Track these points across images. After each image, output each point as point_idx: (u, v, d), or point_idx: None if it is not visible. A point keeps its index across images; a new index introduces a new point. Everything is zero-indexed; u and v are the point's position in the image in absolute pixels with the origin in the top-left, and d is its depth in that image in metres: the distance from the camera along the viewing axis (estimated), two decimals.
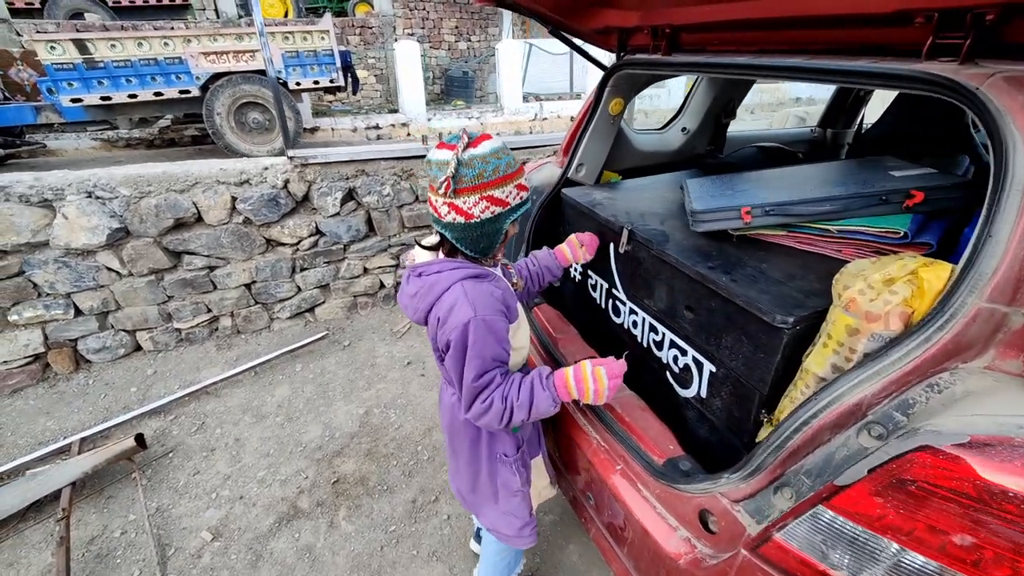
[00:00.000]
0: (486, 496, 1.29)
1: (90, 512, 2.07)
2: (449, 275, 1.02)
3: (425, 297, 1.03)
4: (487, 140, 1.00)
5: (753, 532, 0.86)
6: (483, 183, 0.98)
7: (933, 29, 0.84)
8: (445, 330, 1.00)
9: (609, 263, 1.48)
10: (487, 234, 1.04)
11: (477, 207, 0.99)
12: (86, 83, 5.19)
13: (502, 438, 1.20)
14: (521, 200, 1.05)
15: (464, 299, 0.98)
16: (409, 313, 1.10)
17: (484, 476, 1.25)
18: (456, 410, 1.18)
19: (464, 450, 1.24)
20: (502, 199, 1.01)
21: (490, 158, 0.98)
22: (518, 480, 1.24)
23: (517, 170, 1.03)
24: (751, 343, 0.99)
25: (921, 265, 0.80)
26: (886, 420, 0.75)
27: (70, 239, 2.61)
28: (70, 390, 2.79)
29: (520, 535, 1.29)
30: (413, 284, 1.07)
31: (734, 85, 2.22)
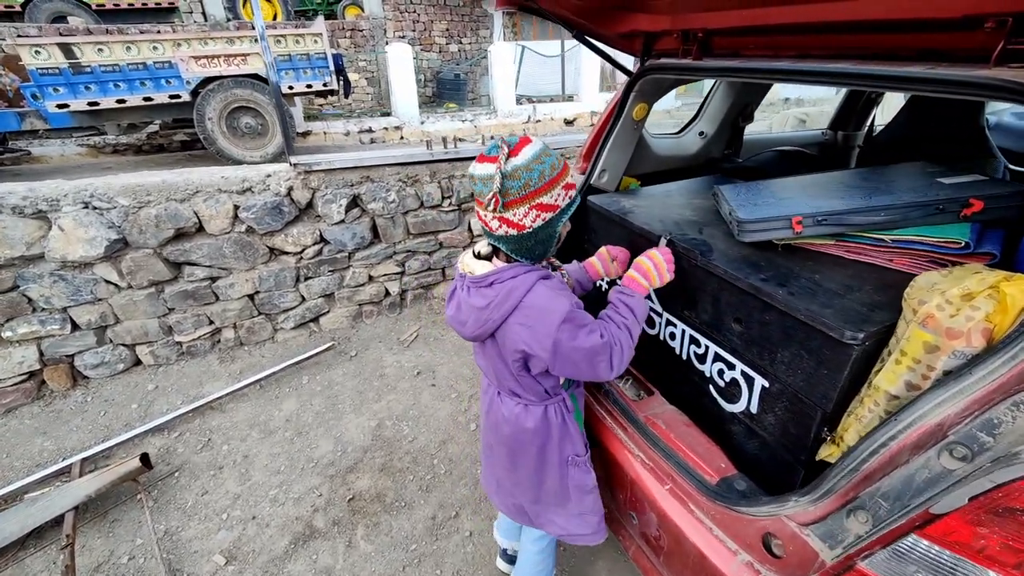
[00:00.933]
0: (553, 503, 1.26)
1: (94, 537, 1.98)
2: (525, 278, 1.00)
3: (502, 305, 0.99)
4: (527, 145, 0.98)
5: (827, 558, 0.83)
6: (530, 192, 0.96)
7: (1006, 34, 0.81)
8: (547, 330, 0.97)
9: None
10: (542, 241, 1.03)
11: (528, 217, 0.98)
12: (72, 88, 5.06)
13: (572, 439, 1.19)
14: (570, 200, 1.03)
15: (554, 294, 0.99)
16: (471, 326, 1.05)
17: (552, 482, 1.22)
18: (523, 419, 1.15)
19: (530, 460, 1.20)
20: (552, 204, 0.99)
21: (534, 165, 0.96)
22: (592, 478, 1.24)
23: (562, 170, 1.00)
24: (813, 359, 0.96)
25: (1002, 279, 0.78)
26: (970, 440, 0.72)
27: (66, 251, 2.51)
28: (67, 408, 2.68)
29: (598, 530, 1.28)
30: (481, 295, 1.02)
31: (753, 89, 2.20)
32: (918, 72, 0.93)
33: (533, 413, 1.15)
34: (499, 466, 1.31)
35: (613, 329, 1.04)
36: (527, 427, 1.15)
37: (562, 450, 1.19)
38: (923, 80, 0.93)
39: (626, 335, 1.05)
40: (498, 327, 1.02)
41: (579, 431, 1.22)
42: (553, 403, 1.16)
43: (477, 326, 1.04)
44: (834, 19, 1.05)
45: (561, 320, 0.96)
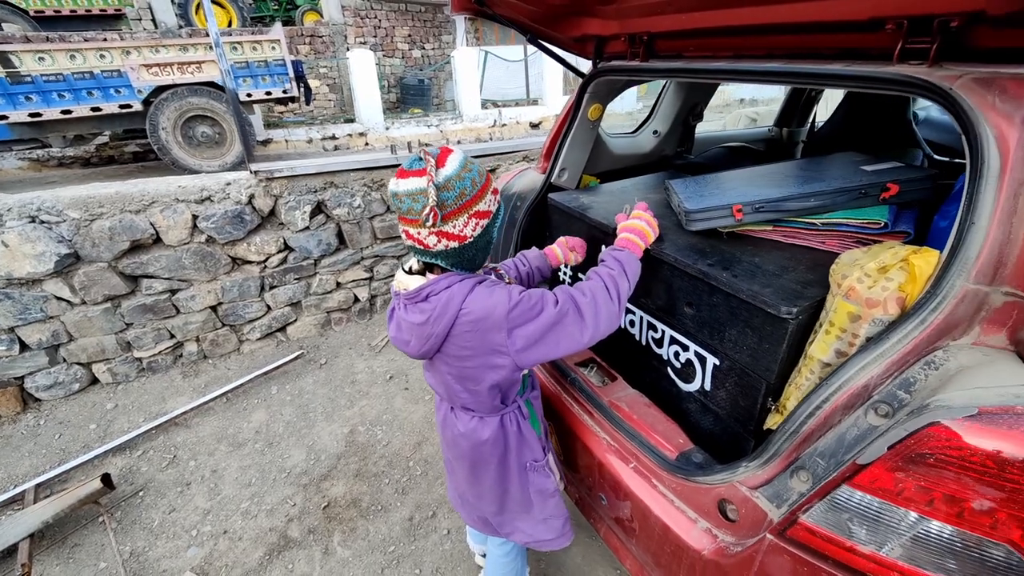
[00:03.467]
0: (517, 511, 1.27)
1: (54, 564, 1.90)
2: (461, 286, 0.96)
3: (443, 316, 0.95)
4: (452, 154, 0.95)
5: (775, 516, 0.90)
6: (467, 201, 0.93)
7: (904, 34, 0.91)
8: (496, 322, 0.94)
9: None
10: (481, 248, 1.01)
11: (468, 227, 0.95)
12: (11, 99, 4.80)
13: (529, 445, 1.20)
14: (499, 204, 1.03)
15: (488, 292, 0.96)
16: (415, 344, 1.01)
17: (515, 490, 1.23)
18: (479, 432, 1.14)
19: (490, 471, 1.19)
20: (487, 210, 0.98)
21: (464, 174, 0.93)
22: (552, 481, 1.26)
23: (488, 177, 1.00)
24: (756, 335, 1.04)
25: (911, 253, 0.87)
26: (891, 398, 0.80)
27: (12, 268, 2.40)
28: (18, 433, 2.55)
29: (563, 533, 1.30)
30: (419, 311, 0.98)
31: (700, 89, 2.32)
32: (836, 69, 1.03)
33: (489, 424, 1.14)
34: (461, 480, 1.29)
35: (591, 284, 1.03)
36: (484, 439, 1.14)
37: (521, 457, 1.19)
38: (841, 77, 1.03)
39: (605, 289, 1.02)
40: (444, 340, 0.98)
41: (536, 437, 1.21)
42: (508, 412, 1.16)
43: (421, 343, 1.00)
44: (761, 22, 1.14)
45: (507, 311, 0.93)
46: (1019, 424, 0.65)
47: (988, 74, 0.82)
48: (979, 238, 0.79)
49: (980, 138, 0.80)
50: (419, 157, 0.93)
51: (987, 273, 0.78)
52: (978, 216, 0.79)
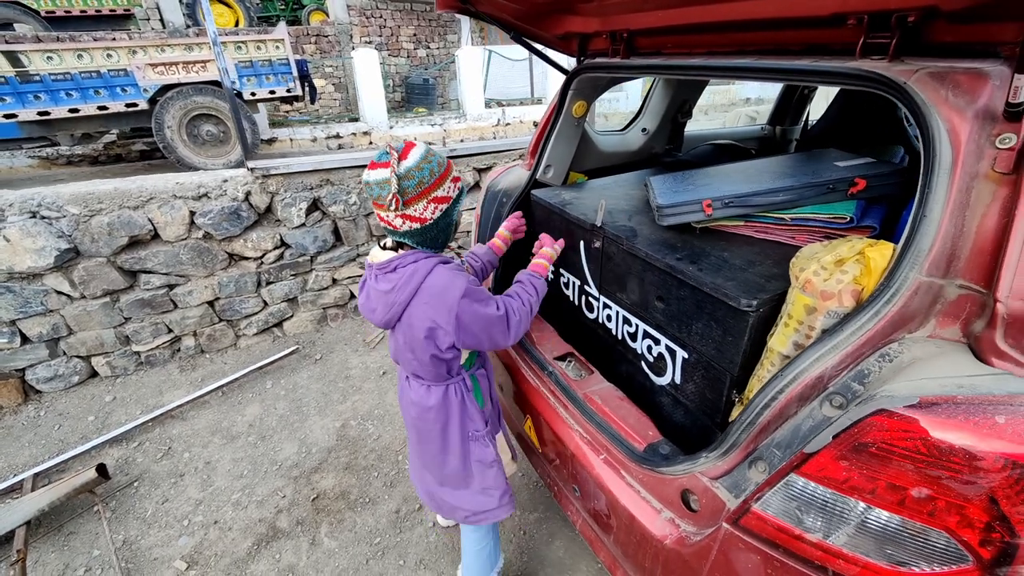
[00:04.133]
0: (458, 482, 1.35)
1: (49, 551, 1.95)
2: (426, 262, 1.10)
3: (407, 286, 1.09)
4: (414, 148, 1.09)
5: (732, 506, 0.91)
6: (426, 188, 1.08)
7: (864, 30, 0.91)
8: (448, 306, 1.08)
9: (580, 260, 1.52)
10: (443, 229, 1.16)
11: (428, 210, 1.09)
12: (20, 98, 4.90)
13: (471, 416, 1.29)
14: (459, 190, 1.17)
15: (452, 274, 1.10)
16: (380, 312, 1.15)
17: (455, 460, 1.31)
18: (426, 399, 1.25)
19: (434, 438, 1.29)
20: (445, 196, 1.12)
21: (423, 165, 1.07)
22: (492, 451, 1.33)
23: (447, 166, 1.13)
24: (720, 328, 1.05)
25: (867, 246, 0.87)
26: (845, 390, 0.81)
27: (13, 262, 2.45)
28: (19, 424, 2.61)
29: (501, 504, 1.37)
30: (386, 280, 1.12)
31: (689, 86, 2.32)
32: (802, 65, 1.04)
33: (435, 393, 1.24)
34: (413, 451, 1.41)
35: (515, 303, 1.19)
36: (429, 405, 1.25)
37: (463, 427, 1.28)
38: (806, 72, 1.03)
39: (527, 309, 1.22)
40: (404, 309, 1.11)
41: (478, 409, 1.30)
42: (453, 383, 1.25)
43: (385, 310, 1.13)
44: (731, 18, 1.14)
45: (460, 295, 1.07)
46: (958, 413, 0.66)
47: (943, 69, 0.83)
48: (931, 231, 0.79)
49: (932, 131, 0.80)
50: (386, 151, 1.07)
51: (940, 266, 0.79)
52: (930, 209, 0.79)
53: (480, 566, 1.55)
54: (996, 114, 0.74)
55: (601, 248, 1.38)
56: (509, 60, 10.87)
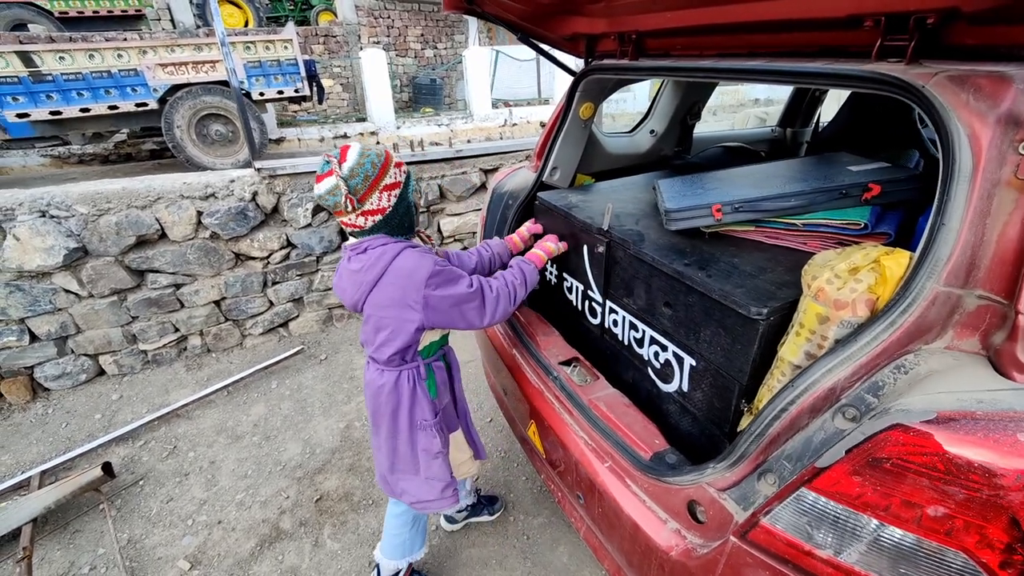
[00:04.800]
0: (406, 469, 1.38)
1: (54, 549, 1.96)
2: (394, 245, 1.16)
3: (375, 266, 1.14)
4: (350, 148, 1.14)
5: (740, 519, 0.89)
6: (373, 180, 1.13)
7: (881, 32, 0.89)
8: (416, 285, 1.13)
9: (584, 264, 1.50)
10: (404, 213, 1.21)
11: (383, 199, 1.15)
12: (33, 97, 4.96)
13: (421, 405, 1.30)
14: (406, 173, 1.21)
15: (419, 255, 1.15)
16: (350, 292, 1.20)
17: (404, 447, 1.34)
18: (379, 381, 1.29)
19: (385, 422, 1.32)
20: (394, 182, 1.17)
21: (363, 160, 1.12)
22: (438, 442, 1.34)
23: (387, 155, 1.18)
24: (729, 335, 1.02)
25: (882, 254, 0.85)
26: (859, 402, 0.78)
27: (23, 261, 2.47)
28: (27, 421, 2.63)
29: (443, 496, 1.39)
30: (357, 260, 1.17)
31: (698, 88, 2.30)
32: (815, 67, 1.01)
33: (387, 377, 1.28)
34: (372, 432, 1.44)
35: (496, 284, 1.25)
36: (381, 385, 1.28)
37: (412, 415, 1.31)
38: (820, 75, 1.01)
39: (509, 291, 1.26)
40: (372, 288, 1.16)
41: (429, 399, 1.32)
42: (407, 369, 1.28)
43: (355, 289, 1.18)
44: (744, 19, 1.12)
45: (428, 275, 1.12)
46: (977, 429, 0.64)
47: (963, 72, 0.80)
48: (950, 239, 0.77)
49: (952, 137, 0.78)
50: (326, 161, 1.12)
51: (959, 275, 0.76)
52: (949, 217, 0.77)
53: (393, 549, 1.59)
54: (1020, 119, 0.72)
55: (607, 252, 1.36)
56: (516, 60, 10.86)
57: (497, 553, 1.88)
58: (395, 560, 1.61)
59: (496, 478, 2.20)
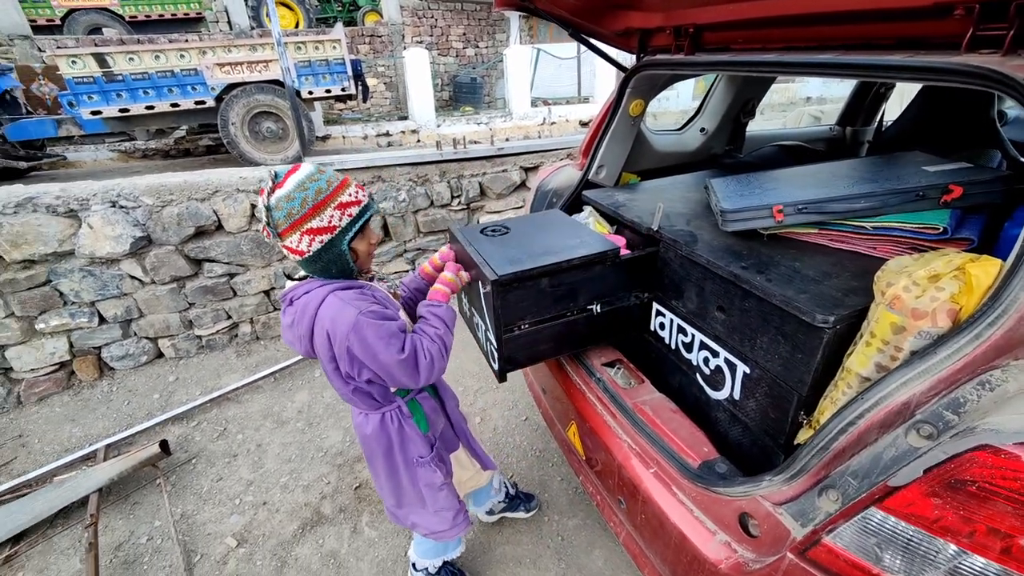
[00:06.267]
0: (413, 504, 1.32)
1: (116, 518, 2.09)
2: (319, 291, 1.02)
3: (303, 320, 1.02)
4: (293, 174, 0.99)
5: (798, 535, 0.85)
6: (296, 220, 0.97)
7: (974, 21, 0.82)
8: (338, 340, 0.99)
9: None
10: (331, 261, 1.04)
11: (303, 243, 0.99)
12: (105, 96, 5.31)
13: (414, 441, 1.22)
14: (351, 217, 1.03)
15: (342, 303, 1.00)
16: (296, 346, 1.09)
17: (406, 484, 1.27)
18: (364, 426, 1.20)
19: (381, 462, 1.24)
20: (324, 227, 0.99)
21: (295, 193, 0.97)
22: (440, 475, 1.28)
23: (332, 192, 0.99)
24: (789, 344, 0.98)
25: (968, 261, 0.79)
26: (936, 419, 0.73)
27: (95, 248, 2.66)
28: (94, 397, 2.83)
29: (455, 524, 1.34)
30: (288, 313, 1.07)
31: (755, 84, 2.21)
32: (896, 60, 0.95)
33: (371, 420, 1.19)
34: (371, 473, 1.35)
35: (425, 341, 1.07)
36: (368, 433, 1.19)
37: (406, 453, 1.23)
38: (901, 68, 0.94)
39: (438, 345, 1.08)
40: (311, 342, 1.04)
41: (420, 434, 1.23)
42: (388, 410, 1.18)
43: (297, 343, 1.07)
44: (816, 10, 1.07)
45: (348, 329, 0.97)
46: None
47: None
48: None
49: None
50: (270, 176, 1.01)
51: None
52: None
53: (427, 550, 1.55)
54: None
55: (659, 254, 1.33)
56: (557, 59, 10.80)
57: (531, 552, 1.87)
58: (429, 560, 1.59)
59: (531, 477, 2.20)
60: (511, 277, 1.13)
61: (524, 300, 1.20)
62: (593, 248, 1.24)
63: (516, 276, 1.13)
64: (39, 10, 8.21)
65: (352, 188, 1.04)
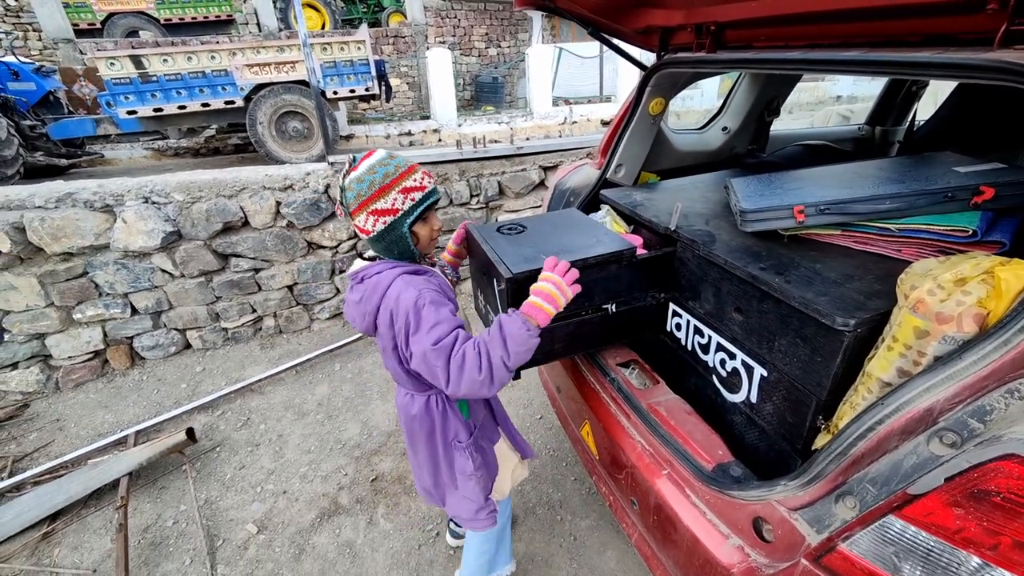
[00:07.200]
0: (447, 484, 1.35)
1: (145, 501, 2.18)
2: (389, 272, 1.09)
3: (371, 298, 1.08)
4: (367, 159, 1.08)
5: (813, 542, 0.83)
6: (364, 200, 1.05)
7: (1008, 15, 0.79)
8: (400, 319, 1.04)
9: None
10: (393, 242, 1.11)
11: (369, 222, 1.07)
12: (141, 96, 5.52)
13: (455, 425, 1.26)
14: (414, 201, 1.08)
15: (408, 285, 1.06)
16: (357, 322, 1.15)
17: (443, 464, 1.31)
18: (410, 407, 1.24)
19: (422, 443, 1.29)
20: (388, 208, 1.06)
21: (365, 176, 1.05)
22: (471, 464, 1.28)
23: (397, 176, 1.06)
24: (808, 347, 0.96)
25: (997, 264, 0.76)
26: (960, 427, 0.71)
27: (128, 242, 2.76)
28: (126, 385, 2.94)
29: (476, 518, 1.34)
30: (356, 291, 1.13)
31: (779, 82, 2.16)
32: (925, 57, 0.92)
33: (417, 402, 1.23)
34: (409, 452, 1.39)
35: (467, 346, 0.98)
36: (413, 414, 1.23)
37: (446, 436, 1.26)
38: (930, 65, 0.92)
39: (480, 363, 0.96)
40: (375, 319, 1.10)
41: (462, 419, 1.27)
42: (434, 392, 1.22)
43: (360, 319, 1.13)
44: (841, 7, 1.04)
45: (408, 308, 1.02)
46: None
47: None
48: None
49: None
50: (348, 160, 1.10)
51: None
52: None
53: (476, 568, 1.53)
54: None
55: (675, 253, 1.32)
56: (579, 58, 10.74)
57: (543, 551, 1.88)
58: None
59: (544, 475, 2.20)
60: (526, 275, 1.14)
61: None
62: (609, 247, 1.23)
63: (530, 274, 1.13)
64: (81, 14, 8.58)
65: (418, 175, 1.10)
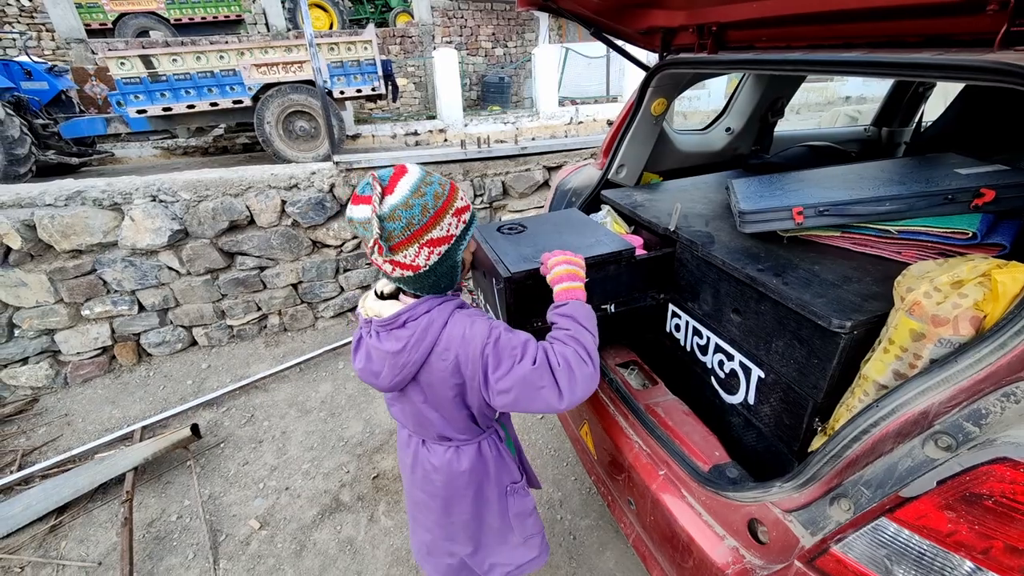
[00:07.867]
0: (494, 543, 1.19)
1: (150, 496, 2.21)
2: (441, 309, 0.91)
3: (421, 342, 0.89)
4: (403, 177, 0.85)
5: (807, 543, 0.83)
6: (416, 230, 0.85)
7: (1008, 16, 0.79)
8: (472, 357, 0.89)
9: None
10: (444, 275, 0.93)
11: (420, 257, 0.87)
12: (150, 95, 5.57)
13: (508, 468, 1.14)
14: (466, 224, 0.93)
15: (471, 319, 0.91)
16: (387, 375, 0.94)
17: (492, 519, 1.16)
18: (456, 463, 1.06)
19: (467, 505, 1.12)
20: (444, 236, 0.88)
21: (413, 200, 0.83)
22: (530, 500, 1.21)
23: (448, 197, 0.89)
24: (804, 348, 0.96)
25: (994, 267, 0.76)
26: (955, 430, 0.71)
27: (136, 240, 2.80)
28: (133, 381, 2.98)
29: (542, 550, 1.24)
30: (395, 338, 0.90)
31: (783, 83, 2.15)
32: (925, 58, 0.92)
33: (467, 453, 1.06)
34: (431, 523, 1.18)
35: (556, 346, 0.92)
36: (462, 470, 1.06)
37: (500, 482, 1.13)
38: (929, 66, 0.91)
39: (572, 348, 0.91)
40: (420, 369, 0.92)
41: (512, 458, 1.16)
42: (486, 437, 1.09)
43: (394, 373, 0.92)
44: (842, 7, 1.04)
45: (482, 349, 0.88)
46: None
47: None
48: None
49: None
50: (368, 183, 0.85)
51: None
52: None
53: None
54: None
55: (674, 253, 1.32)
56: (585, 58, 10.72)
57: None
58: None
59: (545, 475, 2.21)
60: (524, 274, 1.14)
61: (536, 298, 1.21)
62: (608, 247, 1.23)
63: (529, 274, 1.14)
64: (93, 15, 8.68)
65: (460, 191, 0.93)
